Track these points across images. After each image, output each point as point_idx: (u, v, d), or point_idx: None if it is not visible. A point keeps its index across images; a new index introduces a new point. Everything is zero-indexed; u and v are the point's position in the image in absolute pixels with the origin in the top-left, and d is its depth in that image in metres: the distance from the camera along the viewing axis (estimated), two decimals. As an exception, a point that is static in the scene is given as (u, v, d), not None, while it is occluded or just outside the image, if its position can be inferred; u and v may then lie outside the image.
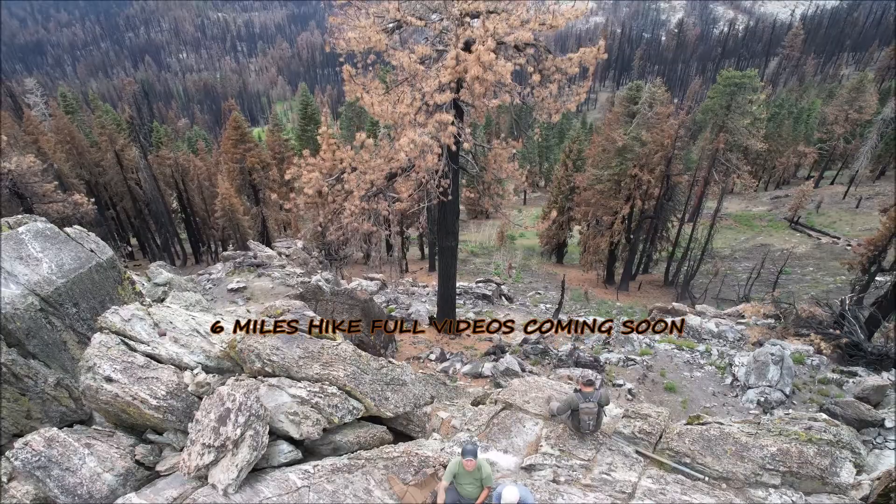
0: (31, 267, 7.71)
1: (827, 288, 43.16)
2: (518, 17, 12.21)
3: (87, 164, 50.21)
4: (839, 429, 6.91)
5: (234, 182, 44.24)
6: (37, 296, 7.46)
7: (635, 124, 37.17)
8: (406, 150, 10.58)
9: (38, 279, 7.59)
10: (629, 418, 6.63)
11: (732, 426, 6.68)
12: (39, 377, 7.33)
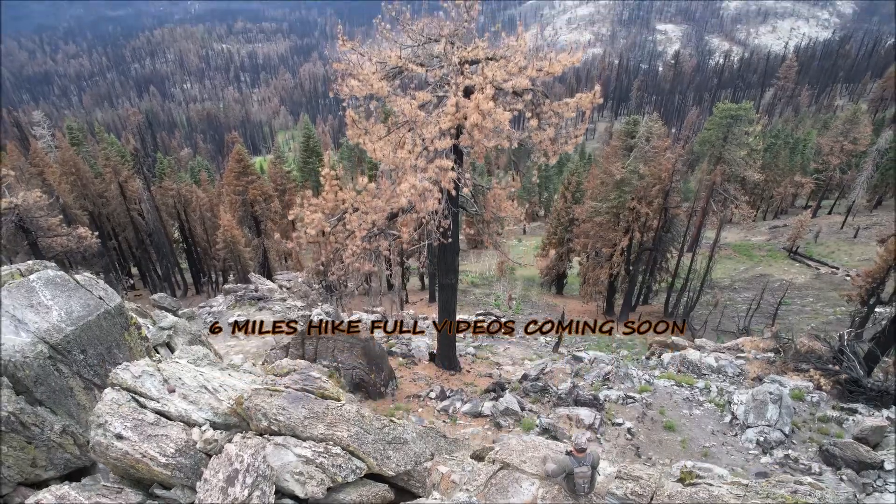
0: (41, 315, 7.89)
1: (827, 319, 43.17)
2: (516, 63, 12.61)
3: (90, 196, 50.70)
4: (824, 492, 6.99)
5: (235, 213, 44.66)
6: (46, 343, 7.63)
7: (633, 158, 37.71)
8: (407, 194, 10.86)
9: (48, 327, 7.77)
10: (622, 479, 6.72)
11: (722, 487, 6.78)
12: (46, 424, 7.45)
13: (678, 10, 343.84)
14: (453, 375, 20.08)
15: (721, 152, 61.00)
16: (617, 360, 23.69)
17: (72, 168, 48.47)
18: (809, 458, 12.81)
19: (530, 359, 26.47)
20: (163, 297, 36.97)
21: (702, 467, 12.45)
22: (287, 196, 50.67)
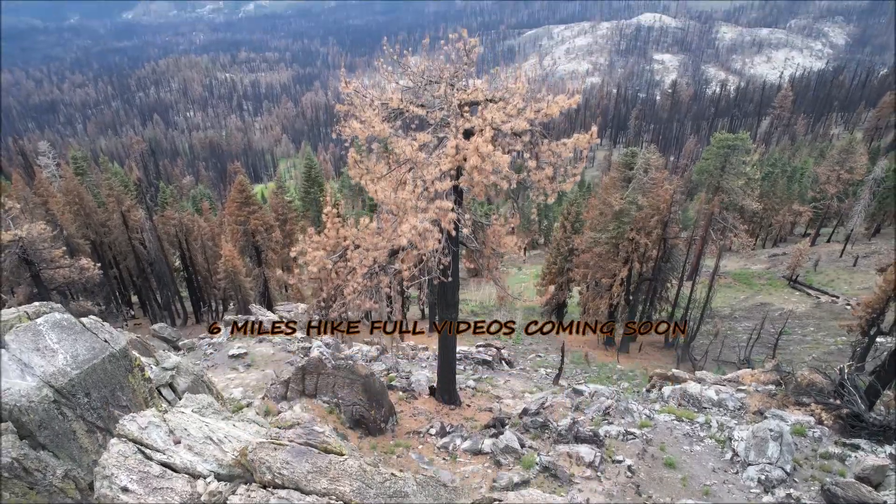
0: (46, 358, 8.01)
1: (828, 349, 43.08)
2: (514, 106, 12.92)
3: (93, 225, 51.10)
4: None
5: (237, 243, 44.93)
6: (51, 387, 7.73)
7: (631, 189, 38.15)
8: (408, 235, 11.06)
9: (54, 370, 7.88)
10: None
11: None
12: (48, 469, 7.51)
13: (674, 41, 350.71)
14: (453, 410, 20.03)
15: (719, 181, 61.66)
16: (617, 394, 23.59)
17: (75, 198, 48.96)
18: (811, 497, 12.76)
19: (530, 391, 26.37)
20: (163, 328, 37.01)
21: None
22: (288, 225, 51.03)
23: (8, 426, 7.30)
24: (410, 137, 12.84)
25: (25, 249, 25.04)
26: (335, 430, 15.53)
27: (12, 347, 8.01)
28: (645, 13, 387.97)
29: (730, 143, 56.99)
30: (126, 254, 55.24)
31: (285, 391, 17.53)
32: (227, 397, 20.60)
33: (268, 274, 47.48)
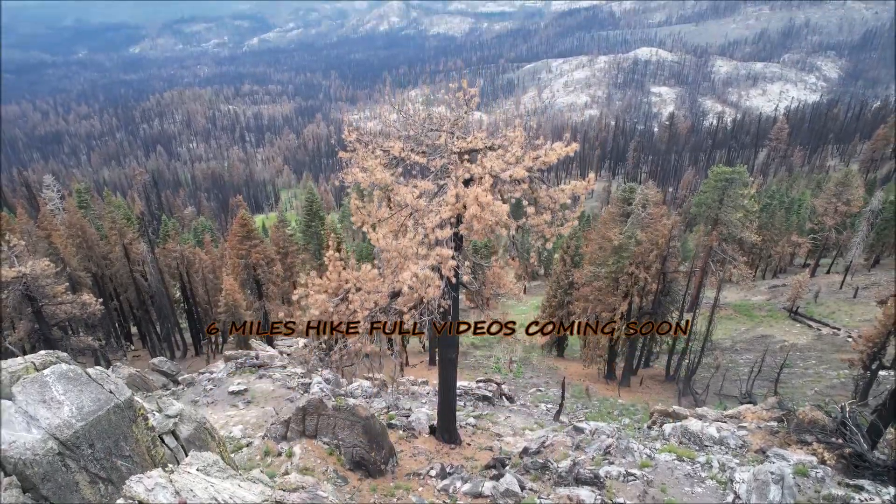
0: (52, 410, 8.14)
1: (830, 383, 42.85)
2: (513, 154, 13.28)
3: (95, 258, 51.42)
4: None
5: (238, 276, 45.16)
6: (56, 440, 7.84)
7: (630, 224, 38.55)
8: (409, 283, 11.27)
9: (59, 423, 7.99)
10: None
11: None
12: (48, 525, 7.57)
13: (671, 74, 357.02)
14: (454, 449, 19.96)
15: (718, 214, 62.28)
16: (618, 431, 23.48)
17: (78, 231, 49.41)
18: (813, 543, 12.67)
19: (531, 428, 26.20)
20: (162, 362, 36.99)
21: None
22: (289, 259, 51.32)
23: (12, 480, 7.40)
24: (412, 185, 13.15)
25: (28, 286, 25.25)
26: (335, 471, 15.50)
27: (19, 399, 8.14)
28: (642, 47, 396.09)
29: (727, 177, 57.79)
30: (127, 286, 55.44)
31: (285, 431, 17.50)
32: (227, 436, 20.54)
33: (268, 307, 47.58)
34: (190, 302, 56.44)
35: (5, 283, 24.21)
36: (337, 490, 14.62)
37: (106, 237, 54.18)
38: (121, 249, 51.59)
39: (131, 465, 8.80)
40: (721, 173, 58.89)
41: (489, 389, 32.08)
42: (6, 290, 24.42)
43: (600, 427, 23.84)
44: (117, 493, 8.53)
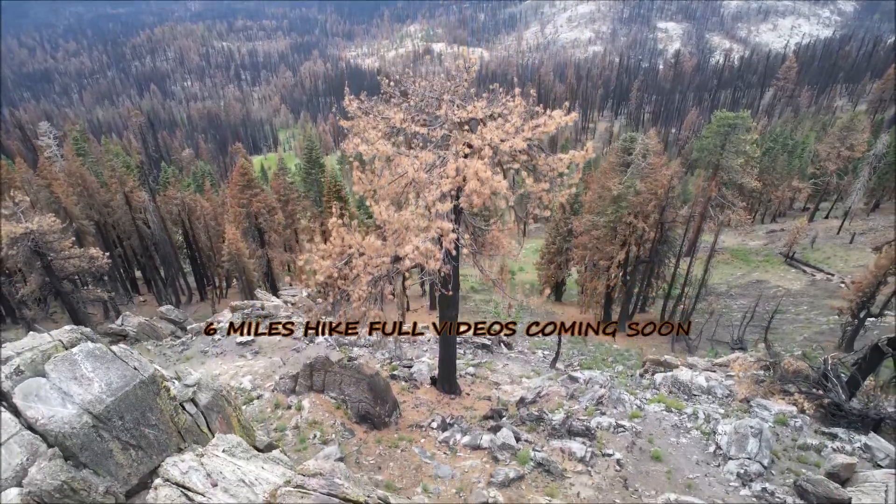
0: (84, 387, 8.81)
1: (819, 329, 44.05)
2: (513, 124, 13.46)
3: (96, 206, 51.66)
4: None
5: (240, 225, 45.59)
6: (90, 414, 8.55)
7: (630, 173, 38.58)
8: (411, 255, 11.74)
9: (91, 398, 8.68)
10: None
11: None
12: (92, 487, 8.37)
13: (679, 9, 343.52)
14: (454, 399, 21.00)
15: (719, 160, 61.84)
16: (611, 381, 24.60)
17: (78, 179, 49.43)
18: (785, 491, 13.74)
19: (528, 376, 27.33)
20: (169, 310, 38.00)
21: (683, 501, 13.43)
22: (290, 206, 51.58)
23: (55, 451, 8.15)
24: (413, 156, 13.38)
25: (36, 241, 25.75)
26: (343, 424, 16.51)
27: (52, 377, 8.80)
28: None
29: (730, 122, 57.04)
30: (130, 233, 55.93)
31: (294, 385, 18.47)
32: (238, 387, 21.59)
33: (270, 255, 48.28)
34: (192, 248, 57.10)
35: (14, 239, 24.69)
36: (345, 442, 15.66)
37: (106, 184, 54.21)
38: (122, 198, 51.75)
39: (157, 432, 9.58)
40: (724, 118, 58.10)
41: (488, 337, 33.17)
42: (16, 246, 24.94)
43: (594, 377, 24.93)
44: (147, 457, 9.37)
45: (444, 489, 13.76)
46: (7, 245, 24.75)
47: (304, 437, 15.45)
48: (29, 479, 7.78)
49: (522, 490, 13.68)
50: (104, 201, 52.58)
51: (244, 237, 46.19)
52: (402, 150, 13.86)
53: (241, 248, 41.45)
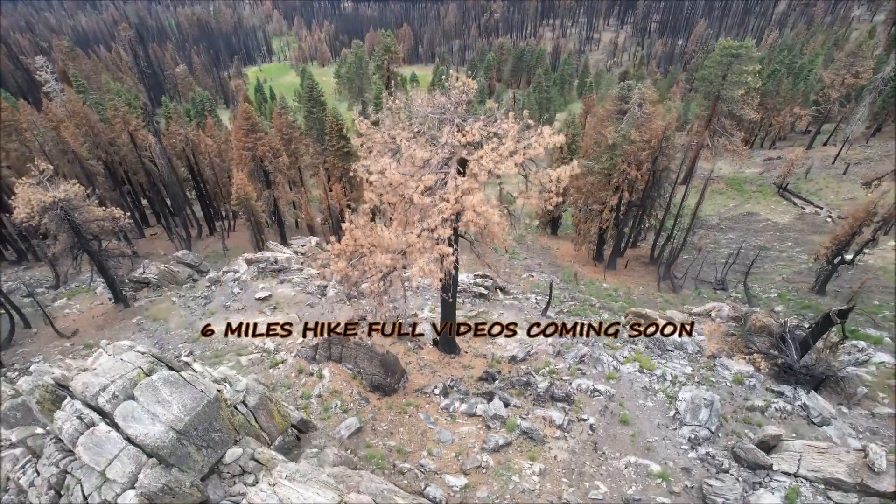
0: (165, 408, 11.30)
1: (798, 269, 46.57)
2: (507, 148, 15.17)
3: (102, 144, 52.66)
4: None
5: (246, 167, 46.95)
6: (174, 430, 11.09)
7: (625, 122, 39.47)
8: (417, 275, 13.90)
9: (172, 418, 11.20)
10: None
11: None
12: (181, 484, 11.08)
13: None
14: (453, 358, 23.85)
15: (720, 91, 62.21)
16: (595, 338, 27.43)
17: (83, 120, 50.11)
18: (724, 455, 16.74)
19: (521, 327, 30.11)
20: (186, 255, 40.44)
21: (641, 463, 16.49)
22: (293, 144, 52.56)
23: (154, 461, 10.78)
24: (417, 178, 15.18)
25: (65, 209, 27.63)
26: (359, 392, 19.38)
27: (141, 401, 11.27)
28: None
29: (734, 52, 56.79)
30: (136, 169, 57.25)
31: (314, 354, 21.20)
32: (262, 347, 24.38)
33: (277, 194, 49.99)
34: (198, 182, 58.60)
35: (45, 207, 26.56)
36: (362, 410, 18.57)
37: (108, 121, 54.83)
38: (127, 136, 52.64)
39: (220, 433, 12.23)
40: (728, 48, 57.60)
41: (486, 285, 35.78)
42: (46, 214, 26.86)
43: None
44: (213, 452, 12.09)
45: (445, 453, 16.76)
46: (38, 213, 26.62)
47: (328, 407, 18.33)
48: (139, 483, 10.48)
49: (509, 454, 16.69)
50: (109, 139, 53.48)
51: (250, 178, 47.64)
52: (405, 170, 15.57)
53: (250, 192, 43.12)
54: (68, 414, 10.99)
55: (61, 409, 11.26)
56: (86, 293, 37.67)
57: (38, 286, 41.91)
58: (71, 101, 50.47)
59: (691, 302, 41.75)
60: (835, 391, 22.97)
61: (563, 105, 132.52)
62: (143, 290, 35.99)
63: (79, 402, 11.21)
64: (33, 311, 34.06)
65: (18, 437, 12.16)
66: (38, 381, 11.88)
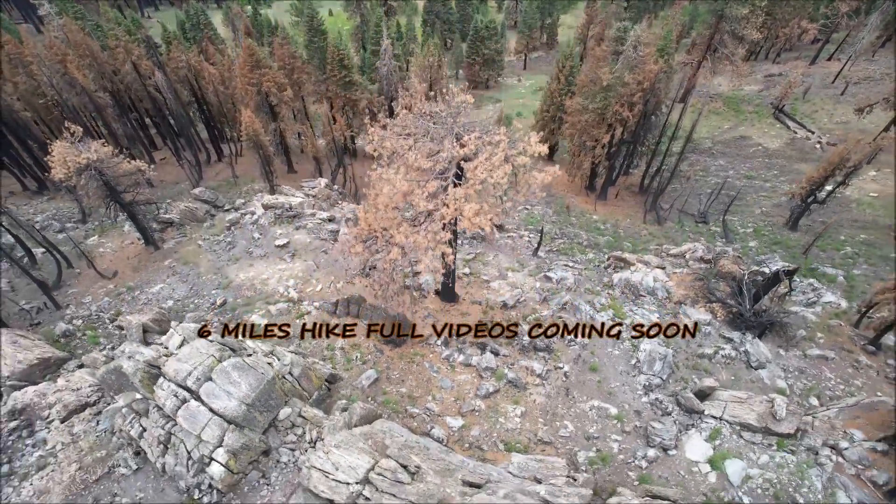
0: (236, 387, 15.05)
1: (778, 201, 49.33)
2: (498, 158, 17.94)
3: (107, 74, 53.45)
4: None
5: (251, 101, 48.34)
6: (244, 404, 14.93)
7: (620, 63, 40.60)
8: (424, 270, 17.23)
9: (242, 395, 14.99)
10: None
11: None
12: (252, 441, 15.11)
13: None
14: (453, 306, 27.53)
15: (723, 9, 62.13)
16: (578, 282, 31.02)
17: (86, 51, 50.65)
18: (669, 400, 20.89)
19: (514, 269, 33.57)
20: (202, 192, 43.32)
21: (602, 406, 20.68)
22: (295, 74, 53.34)
23: (234, 427, 14.71)
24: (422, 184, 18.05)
25: (97, 167, 30.20)
26: (374, 345, 23.28)
27: (218, 382, 15.00)
28: None
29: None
30: (142, 97, 58.23)
31: (335, 309, 24.92)
32: (288, 296, 28.06)
33: (283, 127, 51.72)
34: (202, 106, 59.75)
35: (80, 168, 29.15)
36: (378, 361, 22.55)
37: (108, 48, 55.11)
38: (130, 66, 53.29)
39: (275, 400, 16.11)
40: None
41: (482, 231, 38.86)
42: (82, 175, 29.46)
43: (565, 277, 31.33)
44: (270, 413, 16.03)
45: (446, 397, 20.92)
46: (76, 175, 29.27)
47: (350, 359, 22.30)
48: (225, 443, 14.47)
49: (497, 399, 20.85)
50: (112, 69, 54.18)
51: (256, 112, 49.15)
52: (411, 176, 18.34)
53: (258, 127, 44.89)
54: (167, 393, 14.77)
55: (159, 388, 15.04)
56: (114, 230, 40.88)
57: (66, 221, 44.97)
58: (71, 30, 50.56)
59: (674, 235, 45.13)
60: (778, 335, 27.01)
61: (568, 6, 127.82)
62: (168, 229, 39.19)
63: (172, 384, 14.95)
64: (70, 249, 37.42)
65: (125, 402, 16.06)
66: (138, 365, 15.54)
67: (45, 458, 16.75)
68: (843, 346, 27.00)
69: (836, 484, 17.07)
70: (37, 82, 49.47)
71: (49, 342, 25.24)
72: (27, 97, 50.40)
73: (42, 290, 31.31)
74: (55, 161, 28.98)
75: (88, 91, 48.96)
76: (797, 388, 23.55)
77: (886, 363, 26.26)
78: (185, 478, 14.57)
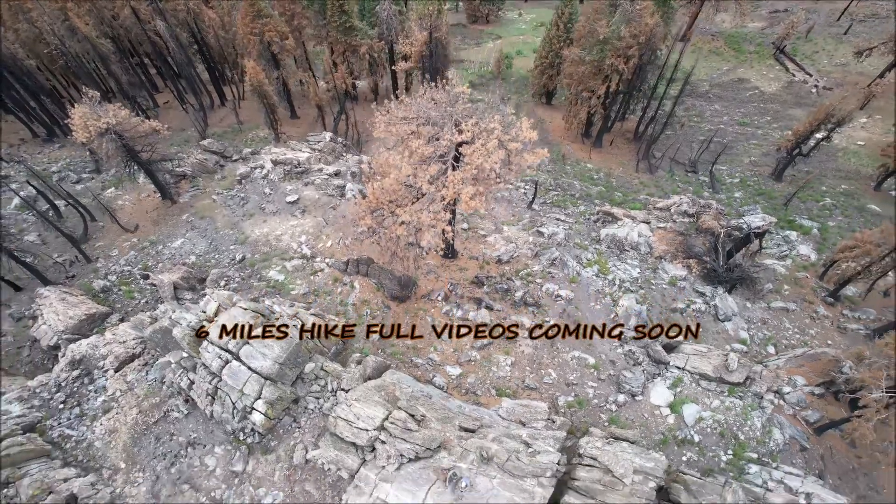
0: (270, 350, 17.91)
1: (767, 150, 50.87)
2: (493, 144, 20.06)
3: (105, 19, 53.58)
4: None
5: (254, 51, 48.95)
6: (277, 363, 17.86)
7: (618, 16, 41.11)
8: (425, 243, 19.76)
9: (275, 356, 17.87)
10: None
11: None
12: (284, 393, 18.17)
13: None
14: (452, 262, 30.16)
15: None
16: (567, 237, 33.46)
17: (85, -3, 50.70)
18: (641, 352, 23.92)
19: (509, 223, 35.96)
20: (211, 143, 45.12)
21: (582, 357, 23.74)
22: (296, 20, 53.44)
23: (268, 382, 17.71)
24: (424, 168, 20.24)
25: (118, 132, 31.97)
26: (382, 301, 26.09)
27: (254, 345, 17.87)
28: None
29: None
30: (142, 40, 58.40)
31: (346, 267, 27.56)
32: (301, 253, 30.62)
33: (285, 75, 52.49)
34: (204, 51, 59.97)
35: (101, 132, 30.92)
36: (385, 316, 25.42)
37: (107, -9, 54.93)
38: (129, 12, 53.33)
39: (302, 357, 19.06)
40: None
41: (480, 179, 40.89)
42: (103, 138, 31.24)
43: (556, 232, 33.77)
44: (298, 368, 19.02)
45: (446, 349, 23.95)
46: (97, 138, 31.09)
47: (361, 314, 25.18)
48: (263, 396, 17.53)
49: (491, 351, 23.89)
50: (112, 14, 54.22)
51: (259, 59, 49.83)
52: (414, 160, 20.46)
53: (262, 78, 45.87)
54: (212, 355, 17.67)
55: (205, 350, 17.93)
56: (130, 182, 42.85)
57: (81, 171, 46.81)
58: (68, -26, 50.29)
59: (664, 184, 47.12)
60: (747, 288, 29.79)
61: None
62: (182, 182, 41.22)
63: (216, 347, 17.82)
64: (90, 201, 39.61)
65: (174, 359, 19.01)
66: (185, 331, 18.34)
67: (108, 403, 19.93)
68: (805, 298, 29.87)
69: (773, 423, 20.36)
70: (38, 30, 49.79)
71: (90, 297, 28.08)
72: (30, 44, 50.86)
73: (72, 244, 33.84)
74: (76, 125, 30.70)
75: (91, 38, 49.42)
76: (758, 338, 26.60)
77: (842, 314, 29.28)
78: (231, 423, 17.75)
